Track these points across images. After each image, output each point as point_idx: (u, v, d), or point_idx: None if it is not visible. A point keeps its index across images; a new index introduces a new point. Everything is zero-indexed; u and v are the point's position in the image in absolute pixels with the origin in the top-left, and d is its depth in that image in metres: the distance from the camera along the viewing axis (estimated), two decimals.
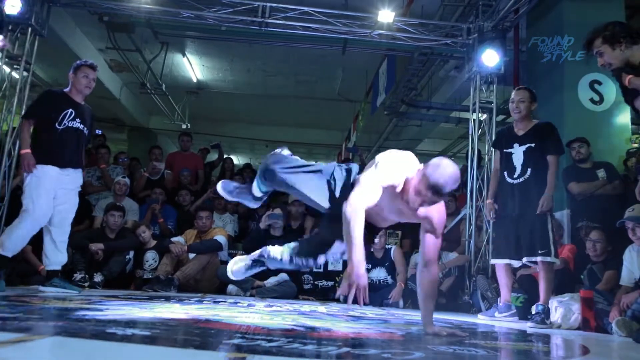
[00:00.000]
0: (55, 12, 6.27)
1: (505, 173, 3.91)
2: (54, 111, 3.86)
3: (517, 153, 3.85)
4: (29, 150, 3.74)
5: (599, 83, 5.38)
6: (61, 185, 3.83)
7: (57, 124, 3.83)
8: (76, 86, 3.97)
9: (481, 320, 3.95)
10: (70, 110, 3.90)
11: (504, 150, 3.96)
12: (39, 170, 3.73)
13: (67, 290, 3.83)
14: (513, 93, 4.09)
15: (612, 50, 2.85)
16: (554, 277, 3.83)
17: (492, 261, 4.12)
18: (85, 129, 4.01)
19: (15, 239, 3.68)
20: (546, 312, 3.63)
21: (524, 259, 3.74)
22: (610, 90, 5.44)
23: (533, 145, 3.79)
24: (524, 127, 3.91)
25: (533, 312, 3.66)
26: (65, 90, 4.04)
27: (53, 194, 3.78)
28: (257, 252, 2.66)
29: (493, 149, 4.23)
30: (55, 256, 3.88)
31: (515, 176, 3.83)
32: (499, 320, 3.87)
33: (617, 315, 3.24)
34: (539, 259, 3.65)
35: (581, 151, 4.73)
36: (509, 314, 3.93)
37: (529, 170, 3.78)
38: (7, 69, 5.55)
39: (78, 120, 3.93)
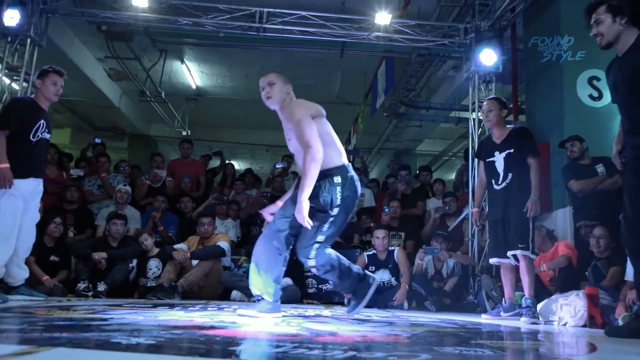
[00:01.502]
0: (54, 22, 6.32)
1: (492, 181, 4.00)
2: (28, 122, 3.74)
3: (499, 160, 3.95)
4: (7, 165, 3.57)
5: (598, 79, 5.38)
6: (33, 197, 3.81)
7: (31, 136, 3.73)
8: (44, 93, 3.84)
9: (485, 320, 3.93)
10: (42, 121, 3.81)
11: (487, 159, 4.07)
12: (14, 186, 3.61)
13: (35, 298, 3.91)
14: (484, 103, 4.24)
15: (611, 22, 2.82)
16: (558, 275, 3.83)
17: (490, 261, 4.22)
18: (50, 136, 3.94)
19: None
20: (534, 304, 3.71)
21: (508, 253, 3.82)
22: None
23: (512, 150, 3.89)
24: (500, 134, 4.02)
25: (523, 305, 3.72)
26: (32, 97, 3.95)
27: (22, 210, 3.70)
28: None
29: (477, 159, 4.36)
30: (20, 274, 3.91)
31: (499, 182, 3.94)
32: (505, 320, 3.85)
33: (623, 311, 3.22)
34: (518, 252, 3.75)
35: (574, 149, 4.72)
36: (514, 313, 3.91)
37: (509, 175, 3.88)
38: (7, 80, 5.58)
39: (47, 130, 3.87)
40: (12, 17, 5.33)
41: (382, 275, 5.22)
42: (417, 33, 6.33)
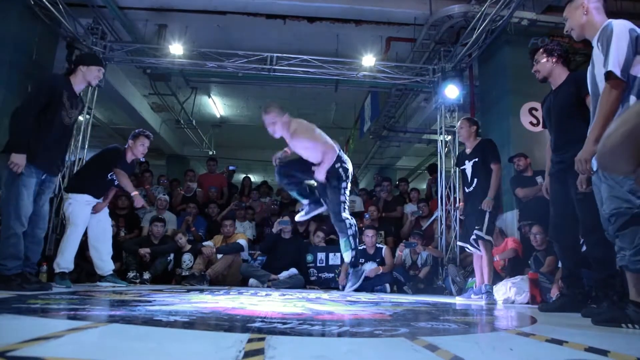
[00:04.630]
0: (110, 68, 6.40)
1: (464, 185, 3.92)
2: (113, 167, 3.92)
3: (468, 168, 3.85)
4: (137, 192, 3.97)
5: (536, 109, 5.43)
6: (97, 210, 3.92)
7: (108, 177, 3.93)
8: (133, 151, 4.01)
9: (458, 301, 3.85)
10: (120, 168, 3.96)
11: (460, 167, 3.99)
12: (74, 198, 3.78)
13: (117, 285, 3.97)
14: (458, 122, 4.10)
15: (546, 61, 2.86)
16: (508, 264, 3.82)
17: (458, 243, 4.06)
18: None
19: (68, 256, 3.70)
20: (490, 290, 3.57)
21: (471, 239, 3.70)
22: None
23: (477, 160, 3.78)
24: (470, 146, 3.92)
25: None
26: (125, 149, 4.06)
27: (89, 214, 3.85)
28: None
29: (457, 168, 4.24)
30: (104, 266, 4.01)
31: (469, 187, 3.85)
32: (474, 301, 3.75)
33: (557, 291, 3.25)
34: (475, 234, 3.63)
35: (519, 163, 4.74)
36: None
37: (475, 180, 3.79)
38: None
39: None
40: None
41: (371, 267, 5.21)
42: (396, 72, 6.39)
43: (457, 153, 6.11)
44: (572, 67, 2.94)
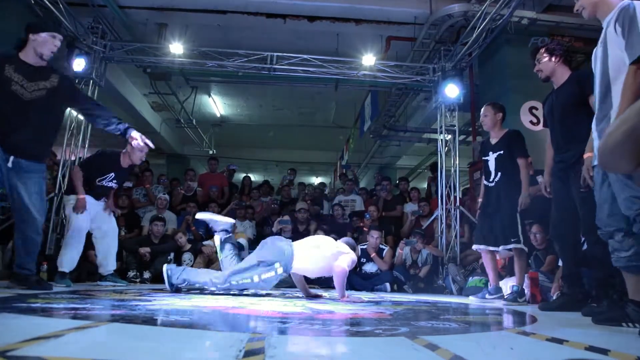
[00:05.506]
0: (110, 67, 6.40)
1: (485, 177, 3.69)
2: (100, 173, 3.87)
3: (491, 160, 3.63)
4: (84, 196, 3.69)
5: (536, 109, 5.41)
6: (96, 209, 3.90)
7: (97, 181, 3.87)
8: (131, 156, 3.94)
9: (472, 301, 3.65)
10: (112, 174, 3.91)
11: (483, 158, 3.73)
12: (73, 199, 3.73)
13: (118, 284, 4.00)
14: (482, 109, 3.80)
15: (548, 61, 2.87)
16: (508, 263, 3.79)
17: (474, 247, 3.82)
18: (117, 184, 4.04)
19: (70, 256, 3.69)
20: (520, 292, 3.41)
21: (500, 247, 3.53)
22: None
23: (502, 152, 3.56)
24: (496, 135, 3.66)
25: (509, 291, 3.48)
26: (121, 152, 3.96)
27: (90, 216, 3.80)
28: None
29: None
30: (107, 264, 4.02)
31: (490, 179, 3.64)
32: (489, 301, 3.57)
33: (557, 290, 3.25)
34: (511, 246, 3.44)
35: None
36: (498, 296, 3.62)
37: (499, 174, 3.56)
38: (74, 113, 5.62)
39: (114, 181, 3.95)
40: (79, 64, 5.45)
41: (371, 267, 5.22)
42: (396, 72, 6.37)
43: (457, 152, 6.10)
44: (573, 66, 2.94)
